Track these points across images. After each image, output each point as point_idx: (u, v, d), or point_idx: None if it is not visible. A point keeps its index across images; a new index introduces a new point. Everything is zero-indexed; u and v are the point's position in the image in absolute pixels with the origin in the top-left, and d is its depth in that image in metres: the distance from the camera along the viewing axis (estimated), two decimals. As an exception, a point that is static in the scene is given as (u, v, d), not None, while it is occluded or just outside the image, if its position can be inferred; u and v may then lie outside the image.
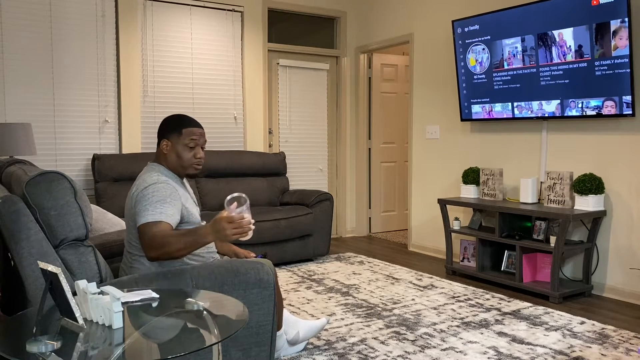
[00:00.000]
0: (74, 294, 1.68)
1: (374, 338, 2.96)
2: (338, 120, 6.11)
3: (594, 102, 3.72)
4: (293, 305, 3.55)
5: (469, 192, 4.54)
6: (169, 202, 2.04)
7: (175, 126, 2.18)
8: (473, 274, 4.22)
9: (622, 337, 2.98)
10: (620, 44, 3.50)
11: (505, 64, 4.27)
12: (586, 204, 3.70)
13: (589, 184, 3.68)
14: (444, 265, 4.71)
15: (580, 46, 3.73)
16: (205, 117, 5.20)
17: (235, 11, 5.32)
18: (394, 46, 5.72)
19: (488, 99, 4.45)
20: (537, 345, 2.86)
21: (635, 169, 3.63)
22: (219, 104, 5.28)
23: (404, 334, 3.02)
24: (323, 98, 5.99)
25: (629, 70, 3.48)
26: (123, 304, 1.60)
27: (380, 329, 3.10)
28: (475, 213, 4.49)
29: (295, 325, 2.68)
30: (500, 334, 3.02)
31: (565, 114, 3.90)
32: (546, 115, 4.03)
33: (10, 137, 3.77)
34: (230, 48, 5.31)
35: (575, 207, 3.78)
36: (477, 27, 4.45)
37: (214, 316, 1.56)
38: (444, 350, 2.79)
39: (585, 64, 3.72)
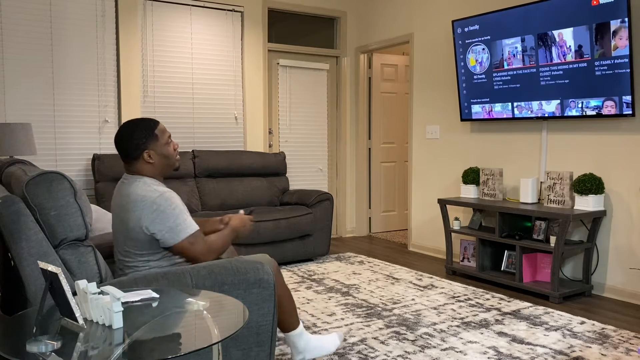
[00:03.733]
0: (74, 294, 1.68)
1: (374, 338, 2.96)
2: (338, 121, 6.11)
3: (594, 102, 3.72)
4: (293, 305, 3.55)
5: (469, 192, 4.54)
6: (183, 207, 2.11)
7: (147, 133, 2.13)
8: (473, 274, 4.22)
9: (622, 337, 2.98)
10: (620, 44, 3.51)
11: (505, 64, 4.27)
12: (586, 204, 3.70)
13: (589, 184, 3.68)
14: (444, 265, 4.71)
15: (580, 46, 3.73)
16: (206, 117, 5.20)
17: (235, 11, 5.32)
18: (394, 46, 5.72)
19: (488, 99, 4.45)
20: (537, 345, 2.86)
21: (635, 169, 3.63)
22: (219, 104, 5.28)
23: (404, 334, 3.02)
24: (323, 98, 5.99)
25: (629, 70, 3.48)
26: (123, 304, 1.60)
27: (380, 329, 3.11)
28: (475, 213, 4.48)
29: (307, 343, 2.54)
30: (500, 334, 3.02)
31: (565, 114, 3.90)
32: (546, 115, 4.03)
33: (10, 137, 3.77)
34: (230, 48, 5.31)
35: (575, 207, 3.78)
36: (477, 27, 4.45)
37: (214, 316, 1.56)
38: (444, 350, 2.79)
39: (585, 64, 3.72)
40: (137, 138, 2.11)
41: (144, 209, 2.04)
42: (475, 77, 4.53)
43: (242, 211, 2.53)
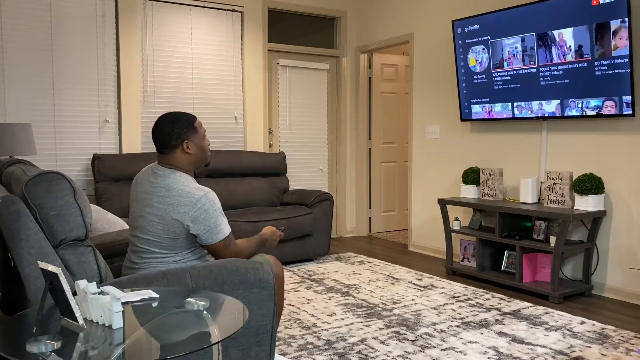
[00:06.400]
0: (74, 294, 1.68)
1: (374, 338, 2.96)
2: (338, 120, 6.11)
3: (594, 102, 3.72)
4: (293, 305, 3.55)
5: (469, 192, 4.54)
6: (221, 209, 2.20)
7: (188, 124, 2.21)
8: (473, 274, 4.22)
9: (622, 337, 2.98)
10: (620, 44, 3.51)
11: (505, 64, 4.27)
12: (586, 204, 3.70)
13: (589, 184, 3.68)
14: (444, 265, 4.71)
15: (580, 46, 3.73)
16: (206, 117, 5.20)
17: (235, 11, 5.32)
18: (394, 46, 5.72)
19: (488, 99, 4.45)
20: (537, 345, 2.86)
21: (635, 169, 3.63)
22: (219, 103, 5.28)
23: (404, 334, 3.02)
24: (323, 98, 5.99)
25: (629, 70, 3.48)
26: (123, 304, 1.60)
27: (380, 329, 3.11)
28: (475, 213, 4.48)
29: None
30: (500, 334, 3.02)
31: (565, 114, 3.90)
32: (546, 115, 4.03)
33: (10, 137, 3.77)
34: (230, 48, 5.31)
35: (575, 207, 3.78)
36: (477, 27, 4.45)
37: (214, 316, 1.56)
38: (444, 350, 2.79)
39: (585, 64, 3.72)
40: (178, 128, 2.18)
41: (188, 205, 2.10)
42: (475, 77, 4.53)
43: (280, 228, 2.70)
